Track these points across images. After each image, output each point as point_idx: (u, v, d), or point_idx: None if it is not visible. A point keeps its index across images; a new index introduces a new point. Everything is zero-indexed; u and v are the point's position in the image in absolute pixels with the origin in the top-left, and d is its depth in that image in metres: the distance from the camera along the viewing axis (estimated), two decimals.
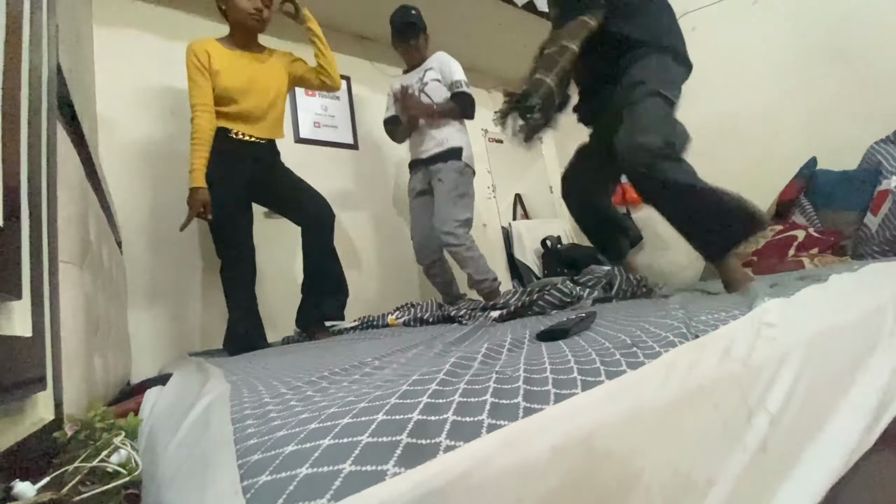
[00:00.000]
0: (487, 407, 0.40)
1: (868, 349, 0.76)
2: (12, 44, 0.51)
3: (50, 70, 0.69)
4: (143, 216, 1.93)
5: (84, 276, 0.81)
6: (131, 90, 1.99)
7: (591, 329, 0.80)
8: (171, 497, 0.39)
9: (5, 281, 0.44)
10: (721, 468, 0.48)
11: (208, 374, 0.88)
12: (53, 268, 0.61)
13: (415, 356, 0.77)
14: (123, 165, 1.89)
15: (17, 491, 0.39)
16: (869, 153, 2.03)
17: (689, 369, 0.51)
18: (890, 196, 1.80)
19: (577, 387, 0.45)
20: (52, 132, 0.66)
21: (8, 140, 0.47)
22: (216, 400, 0.57)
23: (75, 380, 0.68)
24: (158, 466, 0.46)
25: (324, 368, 0.70)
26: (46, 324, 0.56)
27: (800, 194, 2.18)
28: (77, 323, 0.73)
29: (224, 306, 1.63)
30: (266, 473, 0.32)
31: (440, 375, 0.47)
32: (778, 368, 0.58)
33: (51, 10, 0.71)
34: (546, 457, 0.36)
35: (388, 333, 1.41)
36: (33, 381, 0.50)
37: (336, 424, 0.37)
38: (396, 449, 0.33)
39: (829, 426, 0.63)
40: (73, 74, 0.98)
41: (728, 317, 0.69)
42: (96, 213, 1.07)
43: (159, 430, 0.59)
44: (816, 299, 0.83)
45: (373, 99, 2.75)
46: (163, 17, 2.13)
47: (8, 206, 0.45)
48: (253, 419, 0.45)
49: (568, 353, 0.58)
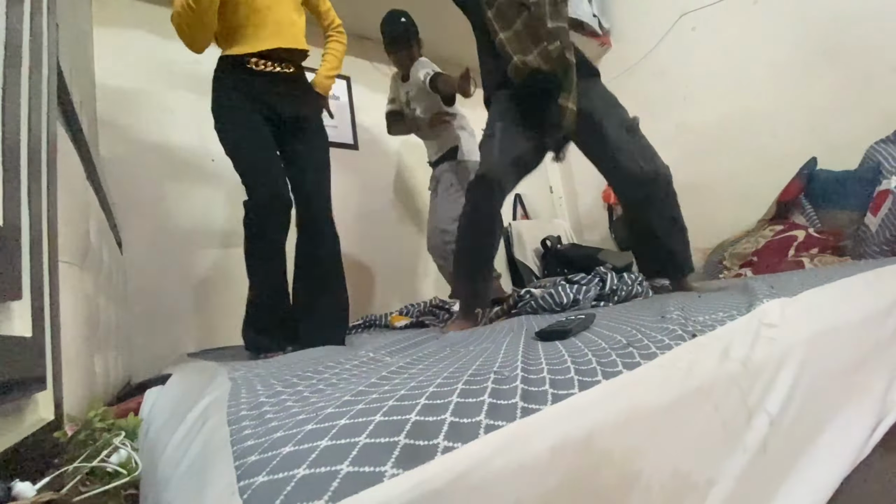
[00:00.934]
0: (485, 407, 0.40)
1: (870, 350, 0.76)
2: (12, 44, 0.51)
3: (50, 70, 0.69)
4: (143, 216, 1.93)
5: (84, 276, 0.81)
6: (131, 90, 1.99)
7: (589, 329, 0.80)
8: (169, 497, 0.39)
9: (5, 281, 0.44)
10: (721, 469, 0.48)
11: (208, 373, 0.88)
12: (53, 268, 0.61)
13: (414, 356, 0.77)
14: (123, 165, 1.89)
15: (17, 491, 0.39)
16: (869, 153, 2.03)
17: (688, 370, 0.51)
18: (890, 196, 1.80)
19: (575, 387, 0.45)
20: (52, 132, 0.66)
21: (8, 140, 0.47)
22: (215, 400, 0.57)
23: (75, 380, 0.68)
24: (158, 467, 0.46)
25: (323, 369, 0.70)
26: (46, 324, 0.56)
27: (800, 194, 2.17)
28: (77, 323, 0.73)
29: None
30: (263, 474, 0.32)
31: (438, 377, 0.47)
32: (778, 369, 0.58)
33: (51, 10, 0.71)
34: (545, 457, 0.36)
35: (390, 333, 1.41)
36: (33, 381, 0.51)
37: (334, 425, 0.37)
38: (394, 450, 0.33)
39: (831, 428, 0.63)
40: (73, 74, 0.98)
41: (726, 317, 0.69)
42: (96, 213, 1.07)
43: (159, 431, 0.59)
44: (816, 299, 0.83)
45: (373, 99, 2.75)
46: (163, 17, 2.12)
47: (8, 206, 0.46)
48: (250, 420, 0.45)
49: (565, 353, 0.58)
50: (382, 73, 2.91)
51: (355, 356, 0.83)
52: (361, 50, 2.87)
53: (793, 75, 2.33)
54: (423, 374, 0.52)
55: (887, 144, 1.98)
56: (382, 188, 2.81)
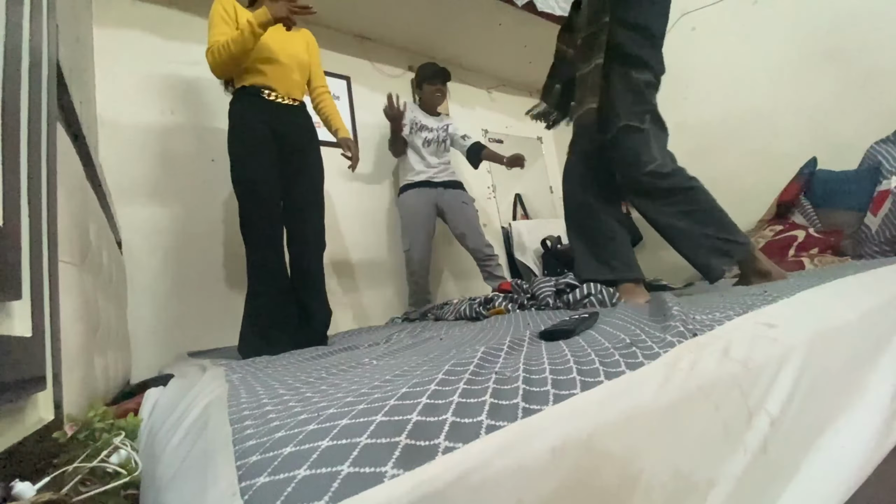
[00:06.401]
0: (486, 408, 0.40)
1: (874, 351, 0.75)
2: (12, 44, 0.51)
3: (50, 70, 0.68)
4: (143, 216, 1.93)
5: (84, 276, 0.81)
6: (131, 90, 1.99)
7: (591, 328, 0.80)
8: (169, 498, 0.39)
9: (5, 281, 0.44)
10: (722, 469, 0.48)
11: (208, 373, 0.88)
12: (53, 268, 0.61)
13: (415, 356, 0.77)
14: (123, 165, 1.89)
15: (17, 491, 0.39)
16: (869, 153, 2.03)
17: (689, 370, 0.51)
18: (890, 196, 1.80)
19: (577, 387, 0.45)
20: (52, 132, 0.66)
21: (8, 140, 0.47)
22: (215, 400, 0.57)
23: (75, 380, 0.68)
24: (158, 467, 0.46)
25: (323, 370, 0.70)
26: (46, 324, 0.56)
27: (800, 194, 2.17)
28: (77, 323, 0.73)
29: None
30: (264, 475, 0.32)
31: (439, 376, 0.47)
32: (778, 369, 0.57)
33: (51, 10, 0.71)
34: (546, 458, 0.36)
35: (390, 332, 1.41)
36: (33, 381, 0.50)
37: (335, 425, 0.37)
38: (395, 450, 0.33)
39: (834, 429, 0.62)
40: (73, 74, 0.98)
41: (723, 317, 0.69)
42: (96, 213, 1.07)
43: (159, 431, 0.59)
44: (817, 299, 0.83)
45: (373, 99, 2.75)
46: (163, 17, 2.13)
47: (8, 206, 0.45)
48: (252, 420, 0.45)
49: (567, 352, 0.58)
50: (382, 73, 2.92)
51: (357, 359, 0.83)
52: (361, 50, 2.87)
53: (793, 75, 2.33)
54: (426, 374, 0.52)
55: (887, 144, 1.97)
56: (382, 188, 2.81)
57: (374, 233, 2.71)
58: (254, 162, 1.52)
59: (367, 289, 2.61)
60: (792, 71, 2.34)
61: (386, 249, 2.73)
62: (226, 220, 2.13)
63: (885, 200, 1.81)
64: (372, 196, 2.74)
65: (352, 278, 2.56)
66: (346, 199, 2.59)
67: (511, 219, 3.43)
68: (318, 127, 1.79)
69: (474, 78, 3.50)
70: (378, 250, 2.70)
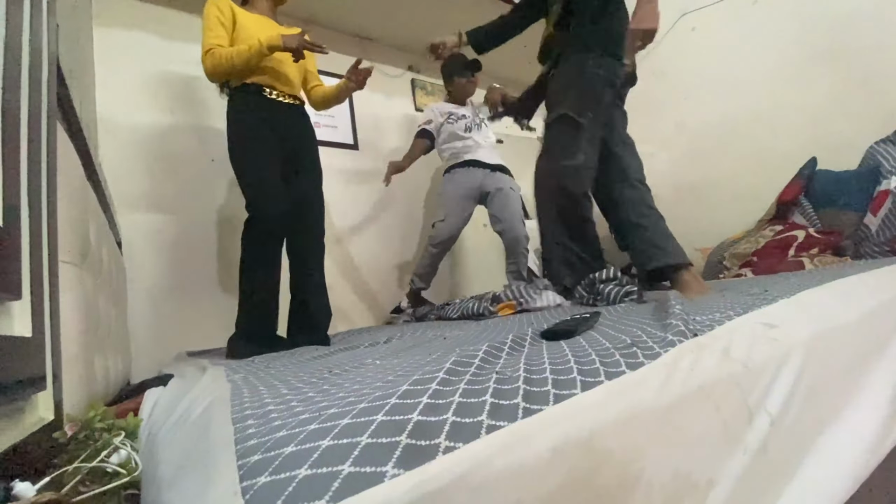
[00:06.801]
0: (487, 408, 0.40)
1: (874, 351, 0.75)
2: (12, 44, 0.50)
3: (50, 70, 0.68)
4: (143, 216, 1.93)
5: (84, 276, 0.81)
6: (131, 90, 1.99)
7: (592, 328, 0.80)
8: (170, 497, 0.39)
9: (5, 281, 0.44)
10: (722, 469, 0.48)
11: (209, 374, 0.88)
12: (53, 268, 0.61)
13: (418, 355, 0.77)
14: (123, 165, 1.89)
15: (17, 491, 0.39)
16: (869, 153, 2.03)
17: (689, 370, 0.51)
18: (890, 196, 1.80)
19: (577, 387, 0.45)
20: (52, 132, 0.66)
21: (8, 140, 0.47)
22: (216, 400, 0.57)
23: (75, 380, 0.68)
24: (158, 467, 0.46)
25: (325, 369, 0.70)
26: (46, 324, 0.56)
27: (800, 194, 2.17)
28: (77, 323, 0.73)
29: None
30: (265, 474, 0.32)
31: (440, 375, 0.47)
32: (778, 369, 0.57)
33: (51, 9, 0.71)
34: (546, 458, 0.36)
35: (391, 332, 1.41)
36: (33, 381, 0.50)
37: (336, 425, 0.37)
38: (396, 450, 0.33)
39: (835, 429, 0.62)
40: (73, 74, 0.98)
41: (724, 317, 0.69)
42: (96, 213, 1.07)
43: (159, 431, 0.59)
44: (817, 299, 0.83)
45: (373, 99, 2.75)
46: (163, 17, 2.13)
47: (8, 206, 0.45)
48: (254, 419, 0.45)
49: (568, 352, 0.58)
50: (382, 74, 2.91)
51: (360, 359, 0.83)
52: (361, 50, 2.87)
53: (793, 75, 2.33)
54: (427, 373, 0.52)
55: (887, 144, 1.98)
56: (382, 188, 2.80)
57: (374, 233, 2.71)
58: (261, 160, 1.51)
59: (368, 288, 2.61)
60: (792, 71, 2.34)
61: (385, 249, 2.73)
62: (226, 219, 2.13)
63: (885, 200, 1.81)
64: (371, 196, 2.74)
65: (352, 278, 2.56)
66: (345, 200, 2.59)
67: None
68: (318, 127, 1.80)
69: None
70: (378, 251, 2.70)
